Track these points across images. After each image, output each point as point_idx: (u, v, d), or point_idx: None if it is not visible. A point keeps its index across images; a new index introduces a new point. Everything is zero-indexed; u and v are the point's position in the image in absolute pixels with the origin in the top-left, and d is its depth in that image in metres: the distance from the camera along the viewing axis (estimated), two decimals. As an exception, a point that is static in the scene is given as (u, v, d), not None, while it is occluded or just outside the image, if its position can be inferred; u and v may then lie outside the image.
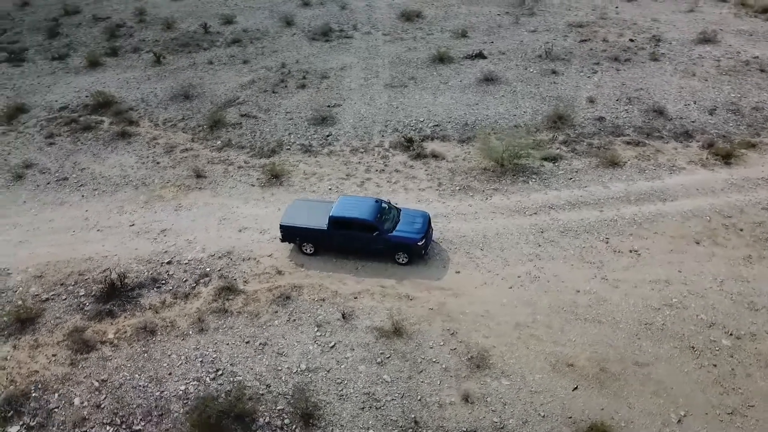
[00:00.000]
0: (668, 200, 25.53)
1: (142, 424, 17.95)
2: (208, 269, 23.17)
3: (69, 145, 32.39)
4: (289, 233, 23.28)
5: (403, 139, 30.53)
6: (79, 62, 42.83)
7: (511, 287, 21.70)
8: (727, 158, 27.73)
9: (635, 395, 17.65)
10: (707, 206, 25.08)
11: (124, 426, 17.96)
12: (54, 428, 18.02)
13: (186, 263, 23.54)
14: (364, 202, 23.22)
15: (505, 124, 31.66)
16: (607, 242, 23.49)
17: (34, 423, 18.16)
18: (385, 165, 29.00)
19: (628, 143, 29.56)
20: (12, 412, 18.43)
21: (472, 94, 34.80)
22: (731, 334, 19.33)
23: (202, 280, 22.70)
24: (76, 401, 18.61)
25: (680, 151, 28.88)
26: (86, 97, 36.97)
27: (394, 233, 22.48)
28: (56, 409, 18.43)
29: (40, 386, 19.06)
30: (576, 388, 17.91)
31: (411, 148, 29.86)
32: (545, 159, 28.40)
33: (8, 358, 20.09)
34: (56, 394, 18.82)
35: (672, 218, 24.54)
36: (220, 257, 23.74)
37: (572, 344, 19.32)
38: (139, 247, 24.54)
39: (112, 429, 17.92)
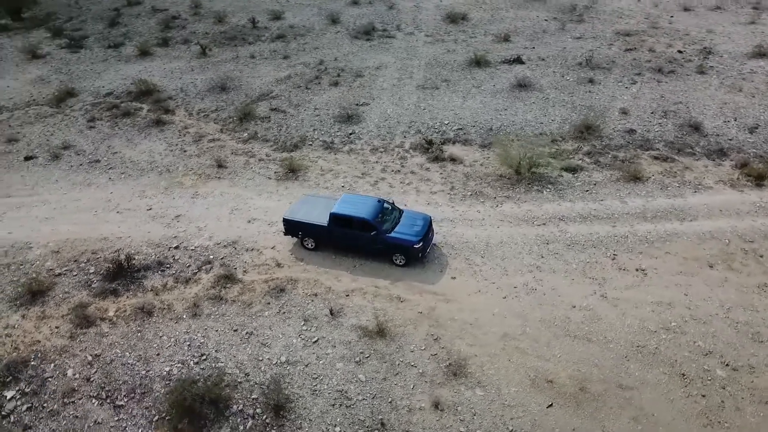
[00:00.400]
0: (687, 220, 24.38)
1: (125, 400, 18.66)
2: (211, 257, 23.82)
3: (107, 129, 33.95)
4: (291, 227, 23.63)
5: (423, 141, 30.42)
6: (131, 51, 44.83)
7: (505, 297, 21.29)
8: (759, 180, 26.23)
9: (612, 419, 17.01)
10: (728, 228, 23.81)
11: (108, 400, 18.73)
12: (46, 396, 18.98)
13: (192, 249, 24.27)
14: (366, 201, 23.28)
15: (530, 131, 31.02)
16: (613, 259, 22.68)
17: (29, 390, 19.16)
18: (402, 166, 28.98)
19: (656, 158, 28.40)
20: (10, 377, 19.53)
21: (502, 99, 34.27)
22: (728, 365, 18.31)
23: (204, 267, 23.35)
24: (69, 373, 19.53)
25: (710, 169, 27.50)
26: (130, 84, 38.63)
27: (392, 234, 22.44)
28: (50, 379, 19.40)
29: (39, 355, 20.11)
30: (551, 405, 17.41)
31: (430, 150, 29.71)
32: (565, 169, 27.65)
33: (16, 326, 21.29)
34: (52, 365, 19.81)
35: (687, 238, 23.43)
36: (225, 246, 24.35)
37: (556, 360, 18.78)
38: (152, 230, 25.48)
39: (97, 402, 18.72)
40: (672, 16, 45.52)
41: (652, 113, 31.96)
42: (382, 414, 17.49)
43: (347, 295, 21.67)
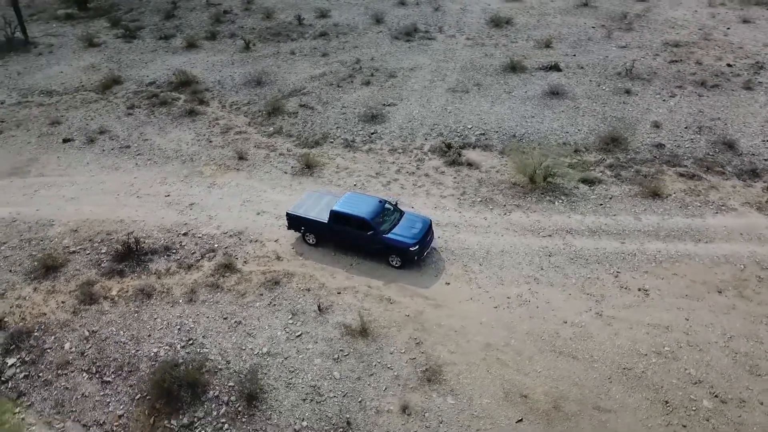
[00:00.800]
0: (702, 241, 23.23)
1: (113, 376, 19.46)
2: (216, 245, 24.44)
3: (143, 117, 35.33)
4: (294, 222, 23.97)
5: (442, 144, 30.19)
6: (179, 43, 46.40)
7: (496, 307, 20.90)
8: (791, 204, 24.74)
9: (582, 440, 16.47)
10: (746, 253, 22.54)
11: (97, 375, 19.58)
12: (42, 366, 20.03)
13: (200, 237, 24.97)
14: (367, 201, 23.33)
15: (554, 140, 30.25)
16: (616, 276, 21.88)
17: (29, 359, 20.29)
18: (417, 168, 28.85)
19: (681, 175, 27.16)
20: (14, 346, 20.70)
21: (531, 106, 33.56)
22: (716, 396, 17.37)
23: (207, 255, 23.99)
24: (66, 346, 20.52)
25: (739, 190, 26.08)
26: (172, 75, 40.02)
27: (389, 235, 22.40)
28: (48, 350, 20.46)
29: (43, 327, 21.22)
30: (520, 420, 17.01)
31: (448, 153, 29.46)
32: (583, 181, 26.83)
33: (27, 298, 22.52)
34: (53, 337, 20.87)
35: (699, 261, 22.33)
36: (231, 236, 24.93)
37: (536, 375, 18.31)
38: (166, 216, 26.37)
39: (87, 376, 19.61)
40: (728, 28, 43.34)
41: (686, 128, 30.57)
42: (349, 413, 17.54)
43: (339, 293, 21.80)
